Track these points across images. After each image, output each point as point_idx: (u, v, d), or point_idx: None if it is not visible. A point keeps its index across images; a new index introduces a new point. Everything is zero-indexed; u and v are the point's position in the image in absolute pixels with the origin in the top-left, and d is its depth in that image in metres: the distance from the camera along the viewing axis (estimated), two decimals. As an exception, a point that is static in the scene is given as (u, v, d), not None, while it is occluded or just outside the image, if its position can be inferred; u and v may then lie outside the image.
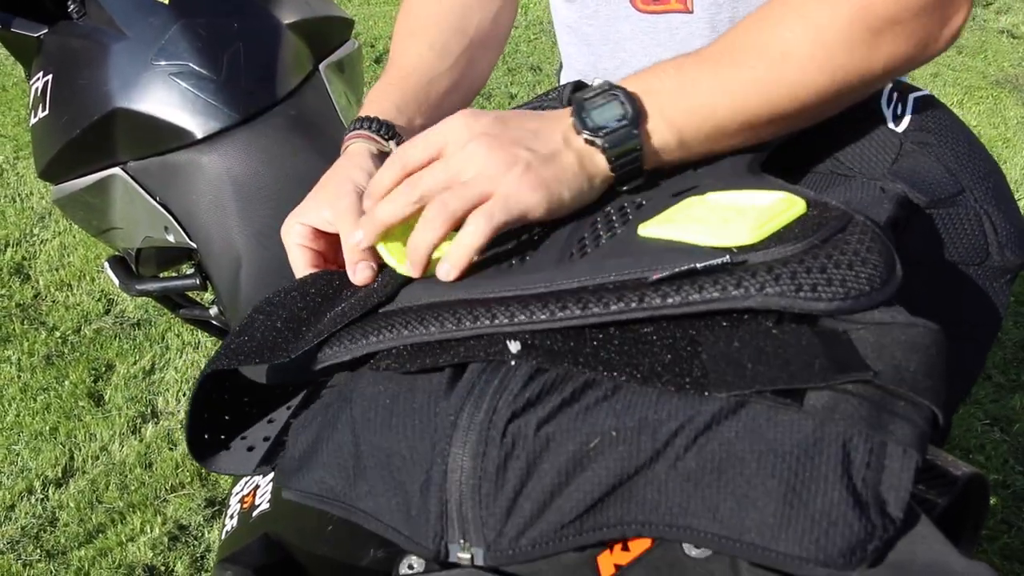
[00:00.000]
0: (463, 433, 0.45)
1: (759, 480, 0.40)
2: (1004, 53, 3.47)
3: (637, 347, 0.45)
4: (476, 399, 0.46)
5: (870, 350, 0.43)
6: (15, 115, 2.97)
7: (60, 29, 1.19)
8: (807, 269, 0.45)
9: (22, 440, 1.77)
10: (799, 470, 0.40)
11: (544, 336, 0.48)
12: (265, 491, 0.69)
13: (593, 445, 0.42)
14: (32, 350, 2.00)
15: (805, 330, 0.44)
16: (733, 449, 0.41)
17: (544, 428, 0.44)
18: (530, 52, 3.47)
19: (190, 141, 1.08)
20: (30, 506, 1.63)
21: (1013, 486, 1.66)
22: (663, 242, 0.50)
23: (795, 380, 0.42)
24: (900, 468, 0.40)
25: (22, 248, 2.35)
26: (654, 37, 0.79)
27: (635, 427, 0.42)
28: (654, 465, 0.42)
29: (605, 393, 0.44)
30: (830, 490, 0.39)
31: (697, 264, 0.46)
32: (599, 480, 0.42)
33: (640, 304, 0.46)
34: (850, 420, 0.40)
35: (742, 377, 0.42)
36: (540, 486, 0.43)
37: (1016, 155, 2.83)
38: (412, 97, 0.78)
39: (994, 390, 1.91)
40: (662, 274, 0.47)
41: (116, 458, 1.74)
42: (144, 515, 1.61)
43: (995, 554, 1.52)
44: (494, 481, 0.44)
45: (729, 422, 0.41)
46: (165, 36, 1.10)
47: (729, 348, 0.44)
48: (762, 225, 0.48)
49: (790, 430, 0.41)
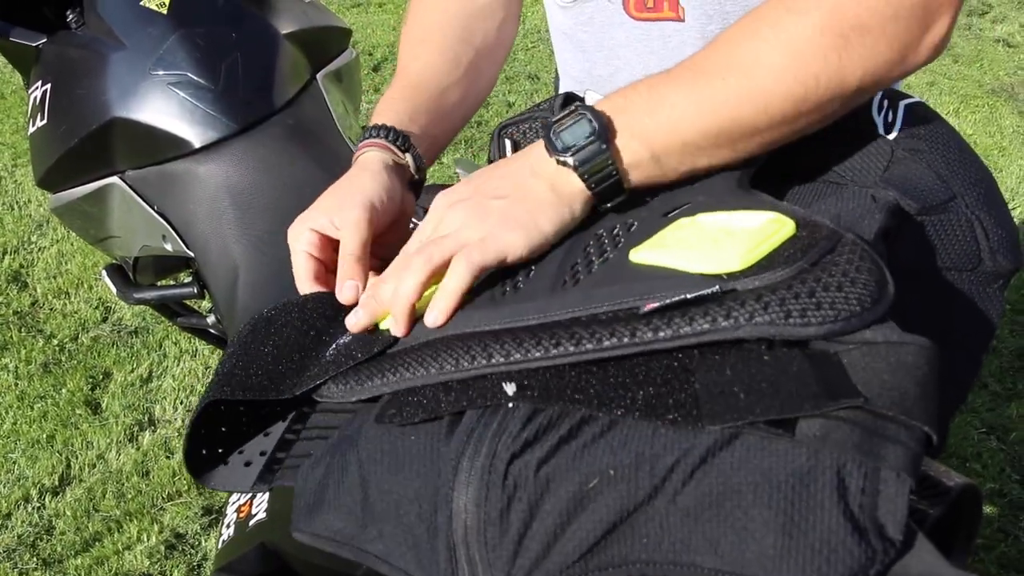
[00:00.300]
0: (465, 477, 0.46)
1: (757, 512, 0.40)
2: (1000, 62, 3.49)
3: (632, 379, 0.45)
4: (476, 443, 0.46)
5: (861, 373, 0.43)
6: (13, 123, 2.97)
7: (59, 39, 1.19)
8: (795, 295, 0.45)
9: (19, 448, 1.77)
10: (795, 500, 0.40)
11: (538, 374, 0.48)
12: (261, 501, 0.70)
13: (592, 485, 0.43)
14: (29, 358, 2.00)
15: (796, 354, 0.44)
16: (730, 481, 0.41)
17: (543, 468, 0.44)
18: (527, 61, 3.48)
19: (188, 150, 1.08)
20: (27, 514, 1.63)
21: (1010, 495, 1.66)
22: (654, 268, 0.51)
23: (787, 410, 0.42)
24: (895, 492, 0.40)
25: (20, 256, 2.35)
26: (647, 44, 0.80)
27: (632, 463, 0.42)
28: (653, 501, 0.42)
29: (602, 428, 0.44)
30: (828, 518, 0.39)
31: (687, 295, 0.46)
32: (600, 519, 0.42)
33: (632, 339, 0.46)
34: (842, 448, 0.40)
35: (735, 408, 0.42)
36: (543, 527, 0.43)
37: (1012, 163, 2.84)
38: (424, 108, 0.79)
39: (991, 399, 1.91)
40: (653, 305, 0.47)
41: (113, 466, 1.74)
42: (141, 523, 1.61)
43: (992, 563, 1.52)
44: (498, 524, 0.44)
45: (724, 454, 0.42)
46: (163, 46, 1.10)
47: (722, 377, 0.44)
48: (751, 250, 0.48)
49: (784, 460, 0.41)
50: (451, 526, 0.46)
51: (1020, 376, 1.98)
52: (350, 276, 0.65)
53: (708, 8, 0.75)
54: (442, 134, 0.81)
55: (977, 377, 0.77)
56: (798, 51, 0.57)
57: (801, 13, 0.57)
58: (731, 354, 0.45)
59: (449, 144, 0.87)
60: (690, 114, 0.58)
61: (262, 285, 1.04)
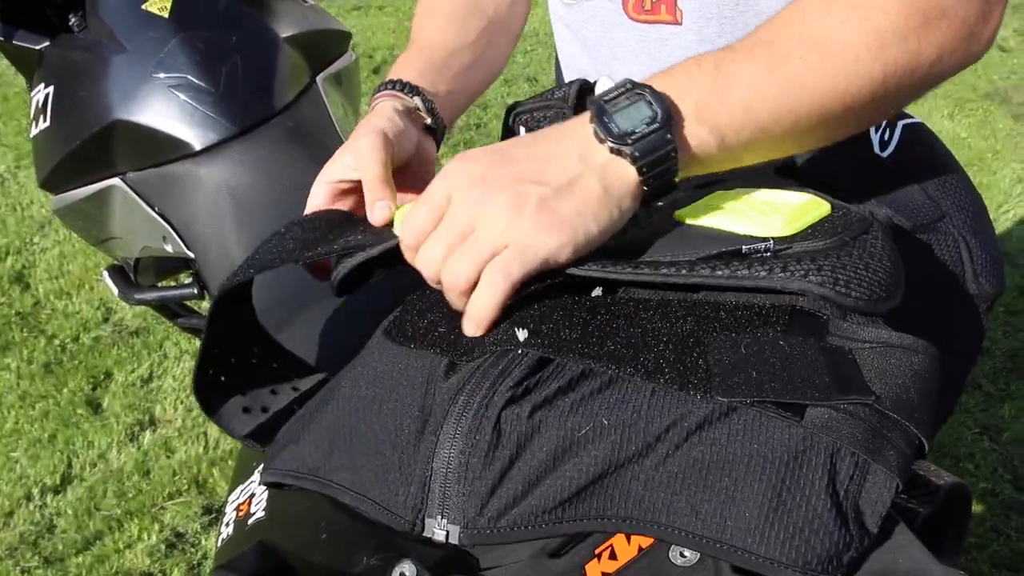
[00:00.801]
0: (459, 411, 0.45)
1: (746, 484, 0.41)
2: (993, 66, 3.50)
3: (644, 341, 0.46)
4: (478, 381, 0.46)
5: (873, 372, 0.44)
6: (16, 125, 2.98)
7: (61, 42, 1.20)
8: (843, 265, 0.47)
9: (21, 447, 1.78)
10: (786, 477, 0.41)
11: (552, 323, 0.48)
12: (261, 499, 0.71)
13: (584, 432, 0.43)
14: (31, 358, 2.01)
15: (812, 344, 0.45)
16: (723, 452, 0.42)
17: (537, 413, 0.44)
18: (526, 63, 3.49)
19: (188, 153, 1.09)
20: (28, 513, 1.64)
21: (1002, 494, 1.67)
22: (705, 229, 0.51)
23: (799, 395, 0.42)
24: (881, 487, 0.41)
25: (22, 257, 2.36)
26: (645, 46, 0.80)
27: (627, 420, 0.43)
28: (642, 460, 0.42)
29: (602, 384, 0.45)
30: (815, 499, 0.40)
31: (743, 247, 0.48)
32: (586, 468, 0.43)
33: (691, 272, 0.46)
34: (846, 439, 0.41)
35: (748, 385, 0.43)
36: (527, 468, 0.44)
37: (1005, 166, 2.85)
38: (434, 66, 0.79)
39: (984, 399, 1.92)
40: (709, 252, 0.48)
41: (114, 465, 1.75)
42: (141, 522, 1.62)
43: (984, 562, 1.53)
44: (483, 459, 0.44)
45: (721, 424, 0.42)
46: (164, 49, 1.12)
47: (735, 355, 0.44)
48: (795, 219, 0.50)
49: (780, 438, 0.41)
50: (433, 457, 0.45)
51: (1013, 377, 1.99)
52: (379, 197, 0.62)
53: (706, 12, 0.76)
54: (455, 91, 0.80)
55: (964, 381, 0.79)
56: (880, 31, 0.53)
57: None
58: (746, 334, 0.45)
59: (467, 107, 0.86)
60: (768, 97, 0.52)
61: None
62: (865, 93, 0.53)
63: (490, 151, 0.52)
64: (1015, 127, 3.10)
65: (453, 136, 2.96)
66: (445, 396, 0.47)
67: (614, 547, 0.47)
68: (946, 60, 0.55)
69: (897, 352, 0.45)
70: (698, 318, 0.47)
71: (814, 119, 0.53)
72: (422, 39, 0.82)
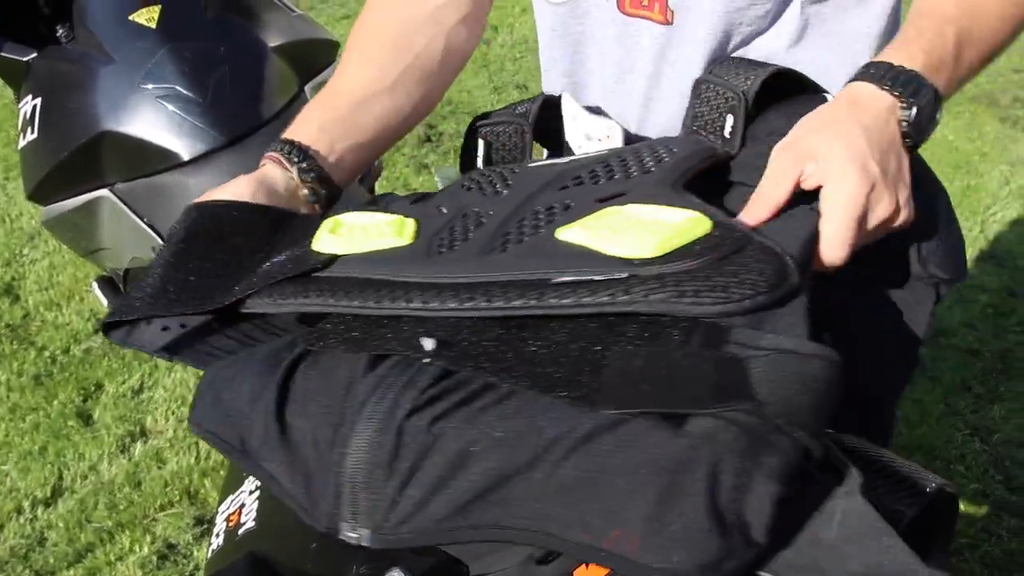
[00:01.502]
0: (365, 421, 0.48)
1: (628, 494, 0.42)
2: (982, 68, 3.52)
3: (546, 356, 0.48)
4: (384, 389, 0.49)
5: (764, 380, 0.45)
6: (5, 136, 2.98)
7: (49, 53, 1.20)
8: (693, 278, 0.49)
9: (11, 460, 1.78)
10: (667, 488, 0.42)
11: (460, 333, 0.51)
12: (251, 509, 0.71)
13: (477, 447, 0.45)
14: (21, 370, 2.00)
15: (705, 354, 0.46)
16: (608, 462, 0.43)
17: (436, 425, 0.46)
18: (516, 71, 3.50)
19: (177, 163, 1.09)
20: (19, 526, 1.64)
21: (993, 495, 1.68)
22: (575, 247, 0.54)
23: (680, 404, 0.44)
24: (762, 496, 0.42)
25: (12, 268, 2.36)
26: (638, 40, 0.80)
27: (519, 432, 0.45)
28: (533, 471, 0.44)
29: (500, 396, 0.47)
30: (694, 510, 0.41)
31: (595, 276, 0.50)
32: (477, 480, 0.45)
33: (540, 302, 0.50)
34: (724, 447, 0.42)
35: (634, 397, 0.44)
36: (425, 479, 0.46)
37: (993, 168, 2.87)
38: (339, 120, 0.77)
39: (974, 401, 1.93)
40: (564, 279, 0.50)
41: (105, 477, 1.74)
42: (133, 534, 1.61)
43: (976, 562, 1.54)
44: (386, 469, 0.46)
45: (608, 435, 0.43)
46: (152, 60, 1.12)
47: (628, 368, 0.46)
48: (667, 240, 0.52)
49: (663, 450, 0.42)
50: (343, 464, 0.48)
51: (1003, 378, 2.00)
52: None
53: (703, 17, 0.76)
54: (362, 145, 0.79)
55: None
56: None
57: None
58: (647, 347, 0.47)
59: (377, 157, 0.85)
60: (978, 62, 0.67)
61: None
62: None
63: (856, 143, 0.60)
64: (1002, 129, 3.12)
65: (444, 144, 2.97)
66: (356, 402, 0.49)
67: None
68: None
69: (791, 358, 0.46)
70: (608, 330, 0.49)
71: (1003, 49, 0.70)
72: (337, 83, 0.81)
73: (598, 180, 0.63)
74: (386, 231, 0.63)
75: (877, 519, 0.45)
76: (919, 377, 2.00)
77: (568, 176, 0.65)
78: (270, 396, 0.52)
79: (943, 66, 0.65)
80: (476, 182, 0.68)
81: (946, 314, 2.18)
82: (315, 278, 0.60)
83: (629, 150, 0.67)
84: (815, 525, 0.45)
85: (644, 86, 0.80)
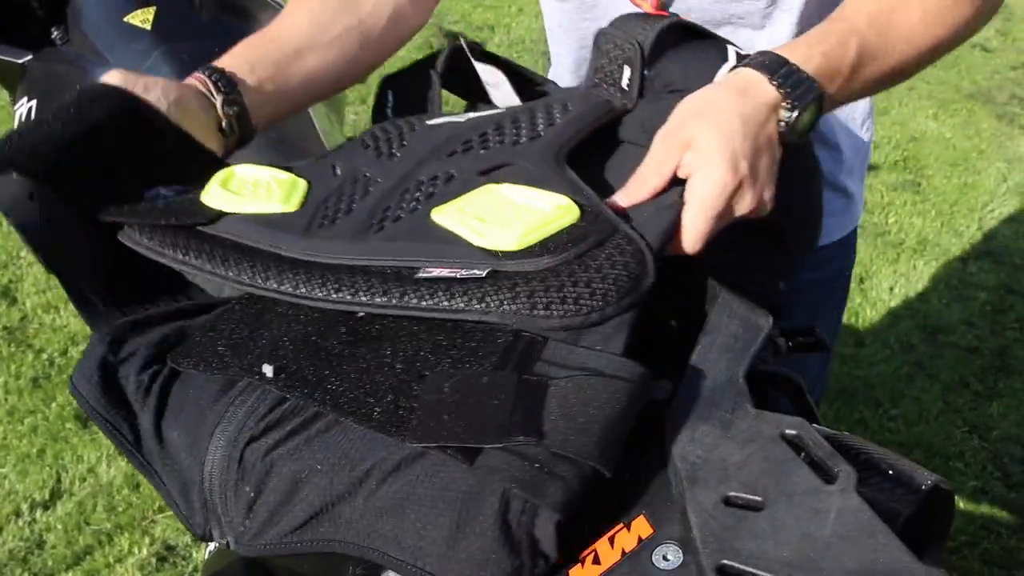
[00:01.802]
0: (215, 444, 0.53)
1: (431, 519, 0.47)
2: (977, 66, 3.53)
3: (369, 387, 0.51)
4: (230, 417, 0.53)
5: (561, 405, 0.48)
6: (0, 138, 2.97)
7: (44, 55, 1.20)
8: (546, 288, 0.51)
9: (9, 463, 1.78)
10: (462, 513, 0.46)
11: (300, 359, 0.54)
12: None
13: (304, 475, 0.50)
14: (19, 373, 2.00)
15: (512, 380, 0.49)
16: (414, 491, 0.47)
17: (270, 455, 0.51)
18: (513, 69, 3.49)
19: (173, 165, 1.09)
20: (17, 529, 1.64)
21: (992, 492, 1.68)
22: (446, 233, 0.56)
23: (474, 438, 0.47)
24: (548, 520, 0.46)
25: (9, 271, 2.36)
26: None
27: (337, 463, 0.49)
28: (353, 496, 0.49)
29: (327, 425, 0.51)
30: (487, 533, 0.45)
31: (460, 272, 0.53)
32: (308, 504, 0.49)
33: (400, 301, 0.53)
34: (511, 480, 0.46)
35: (436, 431, 0.48)
36: (267, 502, 0.51)
37: (990, 165, 2.87)
38: (271, 63, 0.75)
39: (972, 398, 1.94)
40: (430, 272, 0.54)
41: (103, 479, 1.74)
42: (132, 536, 1.61)
43: (975, 559, 1.54)
44: (234, 491, 0.52)
45: (414, 466, 0.48)
46: (147, 62, 1.12)
47: (439, 398, 0.50)
48: (531, 231, 0.54)
49: (458, 482, 0.47)
50: (203, 481, 0.53)
51: (1001, 376, 2.00)
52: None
53: (696, 17, 0.76)
54: (287, 93, 0.77)
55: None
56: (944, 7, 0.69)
57: None
58: (461, 369, 0.51)
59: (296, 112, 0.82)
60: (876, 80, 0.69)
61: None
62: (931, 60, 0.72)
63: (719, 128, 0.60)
64: (999, 126, 3.12)
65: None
66: (209, 423, 0.53)
67: (598, 552, 0.47)
68: (975, 25, 0.73)
69: (594, 382, 0.49)
70: (431, 345, 0.53)
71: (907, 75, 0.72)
72: (276, 28, 0.78)
73: (488, 145, 0.64)
74: (275, 193, 0.63)
75: (872, 517, 0.45)
76: (917, 375, 2.00)
77: (459, 140, 0.65)
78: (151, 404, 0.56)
79: (838, 75, 0.65)
80: (375, 139, 0.68)
81: (944, 311, 2.19)
82: (196, 232, 0.60)
83: (524, 109, 0.67)
84: (809, 523, 0.45)
85: None
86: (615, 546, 0.47)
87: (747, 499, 0.47)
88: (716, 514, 0.46)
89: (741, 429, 0.51)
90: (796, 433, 0.50)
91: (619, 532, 0.48)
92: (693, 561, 0.45)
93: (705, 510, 0.46)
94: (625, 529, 0.48)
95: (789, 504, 0.46)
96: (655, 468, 0.51)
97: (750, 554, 0.44)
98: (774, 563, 0.43)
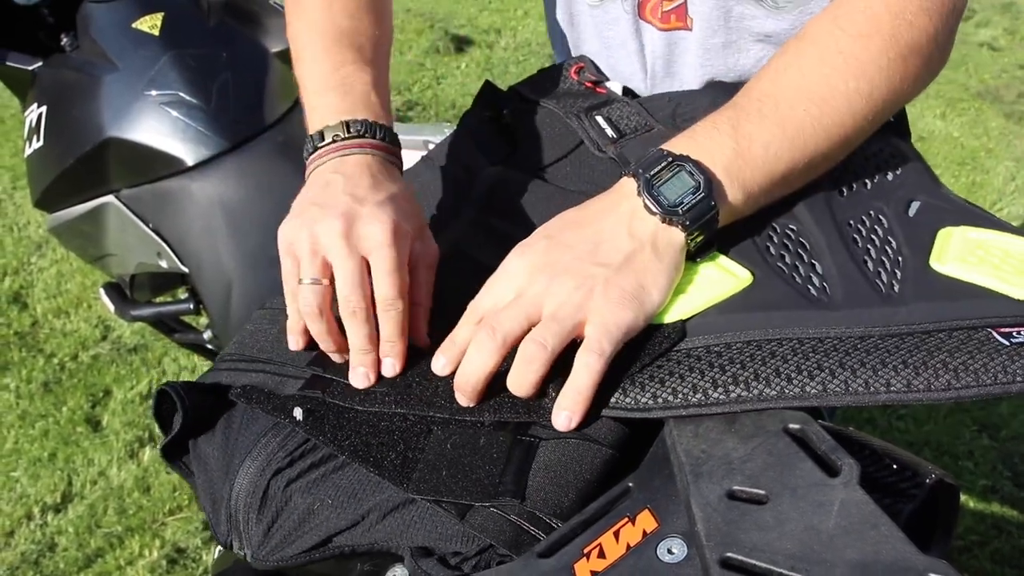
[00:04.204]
0: (245, 470, 0.57)
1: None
2: (985, 65, 3.52)
3: (385, 437, 0.55)
4: (263, 447, 0.57)
5: (546, 466, 0.52)
6: (12, 146, 2.99)
7: (53, 62, 1.21)
8: None
9: (21, 467, 1.79)
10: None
11: (324, 406, 0.58)
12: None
13: (316, 507, 0.54)
14: (30, 377, 2.01)
15: (506, 442, 0.53)
16: (407, 531, 0.52)
17: (289, 487, 0.56)
18: (519, 73, 3.50)
19: (181, 168, 1.10)
20: (29, 532, 1.65)
21: (1002, 491, 1.68)
22: (966, 285, 0.53)
23: (464, 496, 0.51)
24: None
25: (20, 277, 2.37)
26: (668, 49, 0.81)
27: (344, 499, 0.54)
28: (355, 528, 0.53)
29: (340, 464, 0.55)
30: None
31: (1008, 332, 0.50)
32: (318, 532, 0.54)
33: (997, 381, 0.48)
34: (494, 536, 0.50)
35: (435, 484, 0.52)
36: (284, 527, 0.55)
37: (999, 164, 2.86)
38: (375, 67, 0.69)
39: (982, 397, 1.93)
40: (1004, 331, 0.50)
41: (114, 483, 1.75)
42: (143, 539, 1.62)
43: (986, 559, 1.54)
44: (256, 515, 0.56)
45: (405, 511, 0.52)
46: (155, 67, 1.13)
47: (441, 452, 0.53)
48: None
49: (449, 527, 0.51)
50: (231, 499, 0.57)
51: (1011, 374, 1.99)
52: (390, 355, 0.58)
53: (712, 24, 0.76)
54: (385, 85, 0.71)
55: None
56: (868, 75, 0.60)
57: (865, 38, 0.60)
58: (460, 433, 0.54)
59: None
60: (783, 153, 0.58)
61: (256, 299, 1.06)
62: (858, 131, 0.61)
63: (542, 239, 0.56)
64: (1007, 125, 3.11)
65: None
66: (242, 450, 0.58)
67: (603, 546, 0.47)
68: (920, 85, 0.65)
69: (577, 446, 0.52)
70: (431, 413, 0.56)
71: (819, 159, 0.60)
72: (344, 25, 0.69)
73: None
74: (715, 273, 0.57)
75: (875, 510, 0.45)
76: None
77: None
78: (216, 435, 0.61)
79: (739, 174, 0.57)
80: None
81: (953, 310, 2.18)
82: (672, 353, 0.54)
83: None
84: (813, 516, 0.45)
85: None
86: (620, 540, 0.48)
87: (751, 493, 0.47)
88: (720, 508, 0.46)
89: (745, 424, 0.51)
90: (799, 427, 0.50)
91: (624, 526, 0.48)
92: (698, 554, 0.45)
93: (709, 504, 0.46)
94: (630, 523, 0.48)
95: (793, 497, 0.46)
96: (660, 463, 0.52)
97: (754, 547, 0.44)
98: (778, 555, 0.44)
